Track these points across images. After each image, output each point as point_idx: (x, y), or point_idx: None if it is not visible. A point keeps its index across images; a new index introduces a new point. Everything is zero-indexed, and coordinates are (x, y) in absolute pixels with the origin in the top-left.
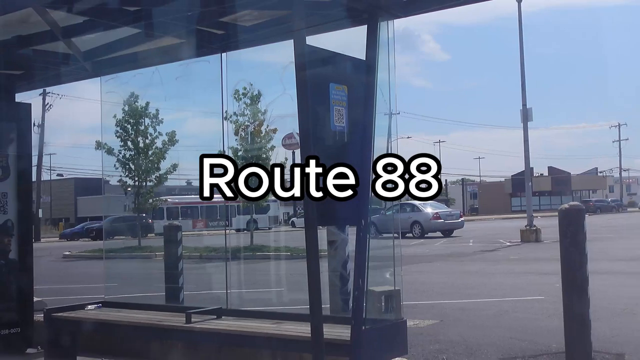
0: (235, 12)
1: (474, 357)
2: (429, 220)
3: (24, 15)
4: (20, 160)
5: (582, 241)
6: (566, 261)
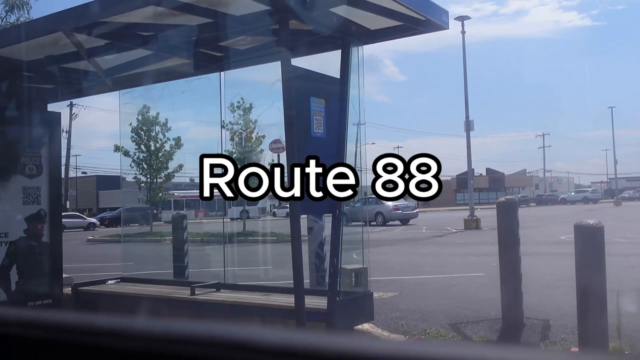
0: (232, 38)
1: (428, 322)
2: (390, 211)
3: (55, 38)
4: (51, 160)
5: (515, 228)
6: (502, 244)
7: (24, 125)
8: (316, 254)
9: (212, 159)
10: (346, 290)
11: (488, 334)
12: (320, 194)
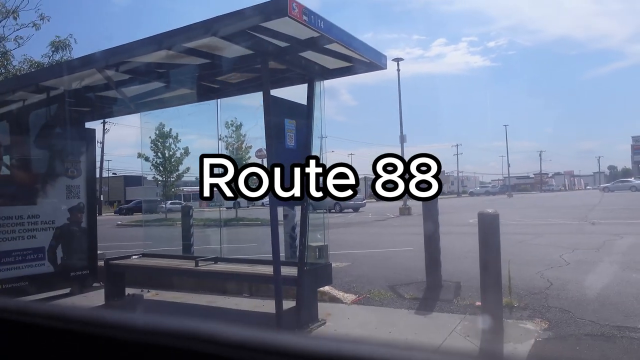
0: (226, 74)
1: (372, 285)
2: (345, 202)
3: (90, 73)
4: (88, 164)
5: (435, 214)
6: (426, 226)
7: (67, 139)
8: (290, 234)
9: (211, 159)
10: (312, 262)
11: (416, 293)
12: (285, 193)
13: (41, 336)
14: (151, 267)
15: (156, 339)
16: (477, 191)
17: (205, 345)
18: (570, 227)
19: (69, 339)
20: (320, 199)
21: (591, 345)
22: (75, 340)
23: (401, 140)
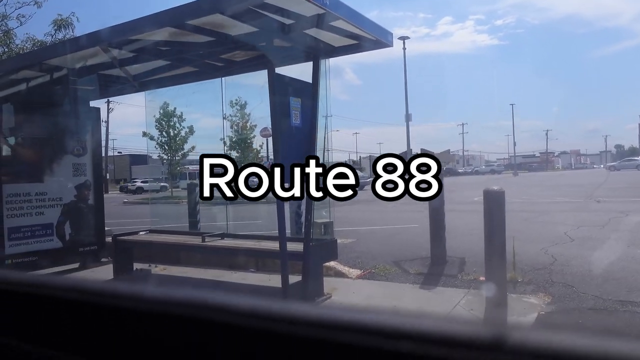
0: (230, 52)
1: (377, 260)
2: None
3: (94, 52)
4: (93, 143)
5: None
6: (431, 203)
7: (73, 118)
8: (295, 211)
9: (211, 159)
10: (317, 238)
11: (421, 268)
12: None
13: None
14: (159, 242)
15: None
16: (483, 170)
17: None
18: (576, 205)
19: (83, 309)
20: (321, 199)
21: (594, 318)
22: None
23: (407, 119)
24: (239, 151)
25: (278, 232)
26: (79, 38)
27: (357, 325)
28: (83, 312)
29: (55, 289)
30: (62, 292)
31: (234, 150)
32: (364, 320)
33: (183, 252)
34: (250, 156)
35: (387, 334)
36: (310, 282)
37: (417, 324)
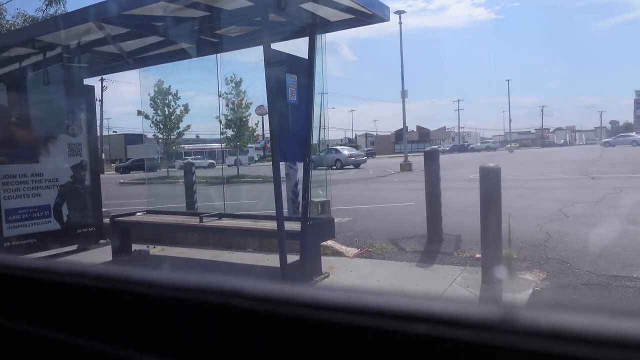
0: (225, 27)
1: (374, 239)
2: (346, 158)
3: (87, 27)
4: (88, 122)
5: (437, 169)
6: (428, 181)
7: (66, 96)
8: (292, 190)
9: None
10: (314, 217)
11: (417, 246)
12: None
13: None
14: (156, 223)
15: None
16: (478, 147)
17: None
18: (571, 181)
19: (101, 296)
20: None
21: (588, 293)
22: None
23: (402, 96)
24: (234, 129)
25: (275, 211)
26: (71, 14)
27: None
28: (101, 299)
29: (63, 274)
30: (69, 277)
31: (230, 129)
32: (368, 301)
33: (181, 233)
34: (246, 134)
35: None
36: (308, 261)
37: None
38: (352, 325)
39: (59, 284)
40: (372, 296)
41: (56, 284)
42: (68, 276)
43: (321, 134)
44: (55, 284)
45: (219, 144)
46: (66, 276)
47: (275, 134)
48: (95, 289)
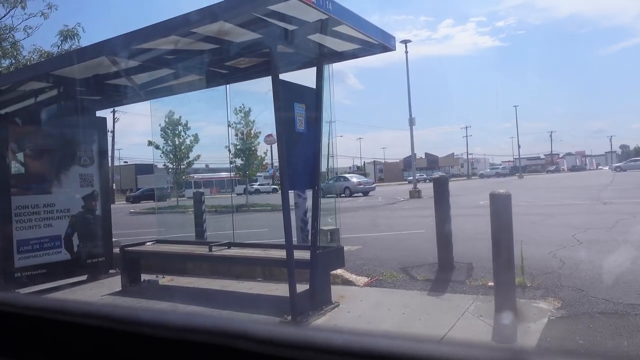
0: (234, 59)
1: (384, 267)
2: (355, 186)
3: (99, 62)
4: (100, 153)
5: (446, 196)
6: (437, 208)
7: (79, 128)
8: (301, 219)
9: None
10: (324, 245)
11: (428, 275)
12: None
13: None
14: (166, 253)
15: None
16: (487, 173)
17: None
18: (582, 207)
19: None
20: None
21: (605, 323)
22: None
23: (410, 124)
24: (243, 158)
25: (285, 240)
26: (85, 49)
27: (370, 350)
28: (106, 339)
29: (80, 316)
30: (92, 319)
31: (239, 158)
32: (377, 344)
33: (190, 262)
34: (255, 163)
35: None
36: (318, 290)
37: (433, 349)
38: None
39: (65, 324)
40: (380, 339)
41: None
42: (75, 316)
43: (330, 162)
44: (62, 324)
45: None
46: (74, 316)
47: (284, 162)
48: (102, 330)
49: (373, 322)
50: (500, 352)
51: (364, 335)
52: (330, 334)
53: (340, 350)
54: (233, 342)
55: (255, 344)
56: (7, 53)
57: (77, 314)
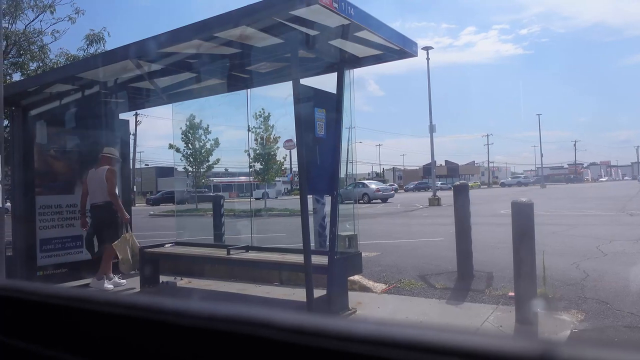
0: (255, 64)
1: (402, 274)
2: (374, 192)
3: (124, 65)
4: (122, 155)
5: (466, 204)
6: (457, 216)
7: (102, 130)
8: (320, 224)
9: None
10: (342, 251)
11: (447, 283)
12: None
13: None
14: (184, 255)
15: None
16: (509, 182)
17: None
18: (607, 218)
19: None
20: None
21: (630, 337)
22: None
23: (430, 131)
24: (262, 163)
25: (302, 245)
26: (110, 52)
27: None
28: (131, 328)
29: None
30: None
31: (258, 162)
32: (403, 334)
33: (208, 265)
34: (274, 168)
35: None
36: (335, 296)
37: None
38: (385, 358)
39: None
40: (406, 329)
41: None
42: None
43: (349, 168)
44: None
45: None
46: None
47: (304, 167)
48: (127, 318)
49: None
50: (531, 345)
51: (391, 325)
52: (356, 324)
53: (370, 339)
54: (257, 330)
55: (279, 332)
56: (35, 56)
57: (103, 303)
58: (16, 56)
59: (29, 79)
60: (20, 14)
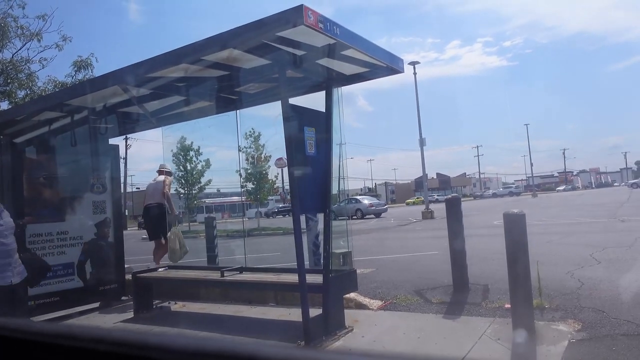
0: (244, 85)
1: (398, 290)
2: (367, 208)
3: (112, 90)
4: (113, 180)
5: (459, 216)
6: (451, 229)
7: (92, 156)
8: (313, 242)
9: None
10: (336, 269)
11: (443, 297)
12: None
13: None
14: (178, 279)
15: None
16: (501, 192)
17: None
18: (599, 225)
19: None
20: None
21: (628, 345)
22: None
23: (421, 144)
24: (254, 182)
25: (297, 264)
26: (98, 78)
27: None
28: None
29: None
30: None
31: (250, 182)
32: None
33: (202, 288)
34: (266, 187)
35: None
36: (331, 315)
37: None
38: None
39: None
40: None
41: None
42: (85, 342)
43: (341, 185)
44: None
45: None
46: (83, 342)
47: (295, 186)
48: (112, 355)
49: (388, 346)
50: None
51: (379, 357)
52: (341, 357)
53: None
54: None
55: None
56: (23, 84)
57: (88, 340)
58: (4, 85)
59: (17, 107)
60: (7, 43)
